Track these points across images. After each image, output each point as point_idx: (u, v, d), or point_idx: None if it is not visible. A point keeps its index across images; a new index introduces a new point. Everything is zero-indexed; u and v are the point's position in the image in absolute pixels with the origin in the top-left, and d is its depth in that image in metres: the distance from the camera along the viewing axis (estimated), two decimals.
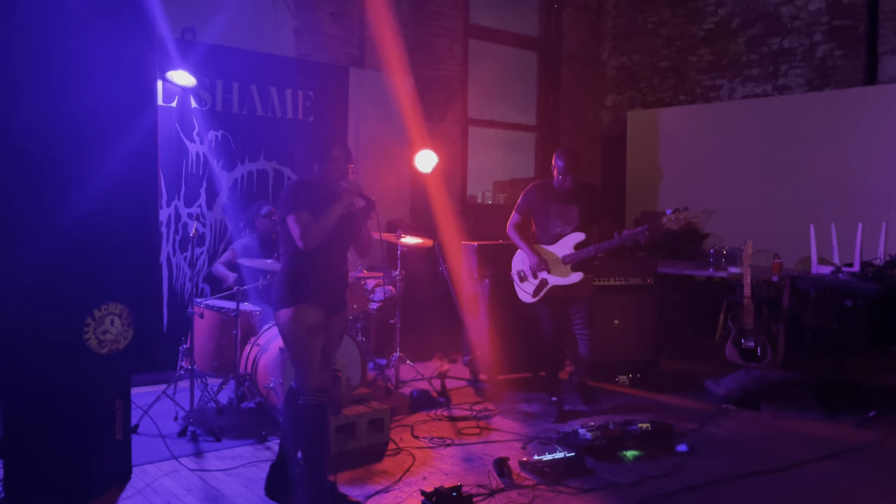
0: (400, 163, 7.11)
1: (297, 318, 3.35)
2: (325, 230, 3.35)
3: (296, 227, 3.34)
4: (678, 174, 8.33)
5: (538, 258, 4.77)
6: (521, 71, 9.09)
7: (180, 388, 4.80)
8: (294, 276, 3.42)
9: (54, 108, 3.26)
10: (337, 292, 3.56)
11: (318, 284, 3.41)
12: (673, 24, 8.82)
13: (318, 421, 3.42)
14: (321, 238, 3.35)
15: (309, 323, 3.35)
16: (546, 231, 4.81)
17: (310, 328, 3.35)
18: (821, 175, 7.16)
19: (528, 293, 4.88)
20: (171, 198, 5.70)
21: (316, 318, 3.38)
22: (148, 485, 3.65)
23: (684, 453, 4.15)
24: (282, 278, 3.46)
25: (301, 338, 3.35)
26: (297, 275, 3.41)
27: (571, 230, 4.73)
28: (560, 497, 3.56)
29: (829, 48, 7.47)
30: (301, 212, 3.36)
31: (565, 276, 4.72)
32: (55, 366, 3.33)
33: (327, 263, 3.47)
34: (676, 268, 6.83)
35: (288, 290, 3.40)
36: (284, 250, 3.50)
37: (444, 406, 5.04)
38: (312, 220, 3.34)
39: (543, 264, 4.76)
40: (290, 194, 3.44)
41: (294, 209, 3.37)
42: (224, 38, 5.96)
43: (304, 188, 3.49)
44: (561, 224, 4.76)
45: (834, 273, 5.78)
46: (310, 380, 3.36)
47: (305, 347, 3.36)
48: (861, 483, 3.81)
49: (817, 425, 4.74)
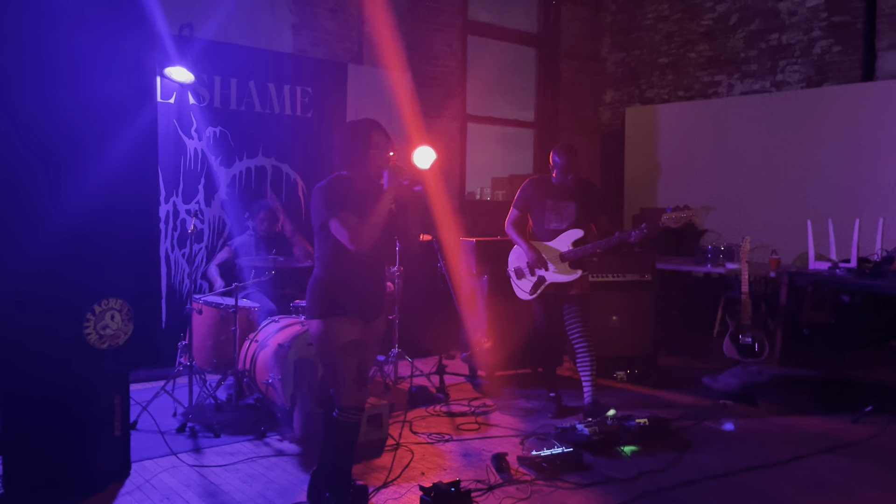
0: (399, 159, 7.10)
1: (330, 334, 3.13)
2: (376, 228, 3.10)
3: (343, 231, 3.05)
4: (677, 170, 8.33)
5: (536, 255, 4.73)
6: (520, 67, 9.08)
7: (179, 384, 4.80)
8: (328, 286, 3.17)
9: (51, 104, 3.27)
10: (375, 298, 3.32)
11: (356, 294, 3.18)
12: (672, 19, 8.82)
13: (350, 438, 3.26)
14: (374, 238, 3.10)
15: (343, 341, 3.12)
16: (542, 226, 4.77)
17: (344, 347, 3.13)
18: (819, 171, 7.17)
19: (526, 290, 4.85)
20: (169, 194, 5.70)
21: (351, 334, 3.15)
22: (147, 480, 3.66)
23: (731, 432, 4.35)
24: (315, 287, 3.20)
25: (334, 355, 3.15)
26: (333, 284, 3.17)
27: (567, 226, 4.69)
28: (558, 492, 3.57)
29: (828, 44, 7.48)
30: (345, 213, 3.07)
31: (564, 273, 4.68)
32: (55, 361, 3.34)
33: (367, 268, 3.23)
34: (674, 264, 6.84)
35: (322, 300, 3.15)
36: (320, 255, 3.22)
37: (442, 402, 5.06)
38: (358, 220, 3.08)
39: (542, 261, 4.73)
40: (327, 195, 3.12)
41: (336, 212, 3.07)
42: (222, 35, 5.95)
43: (341, 186, 3.17)
44: (556, 220, 4.72)
45: (831, 269, 5.80)
46: (343, 398, 3.17)
47: (338, 366, 3.14)
48: (857, 478, 3.83)
49: (814, 420, 4.76)
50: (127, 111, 3.53)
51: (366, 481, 3.64)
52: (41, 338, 3.28)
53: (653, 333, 5.91)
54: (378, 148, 3.22)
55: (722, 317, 6.94)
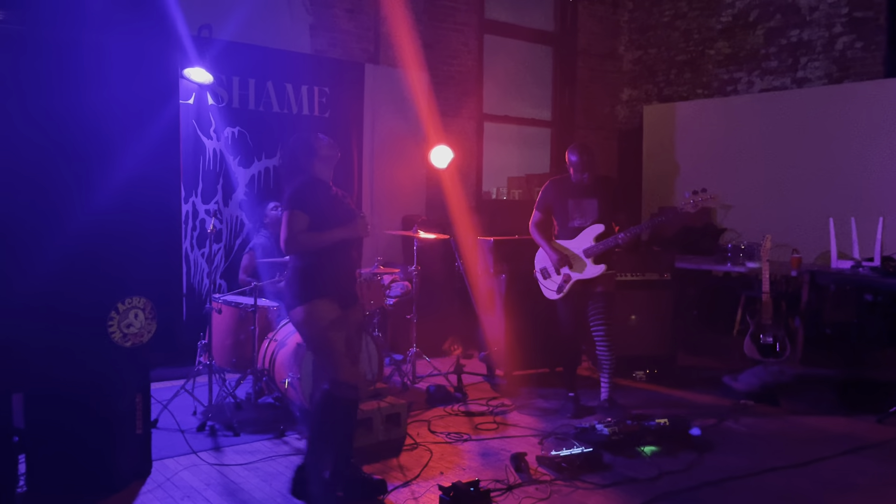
0: (415, 159, 7.11)
1: (315, 314, 3.26)
2: (317, 246, 3.28)
3: (286, 229, 3.23)
4: (695, 169, 8.26)
5: (558, 255, 4.74)
6: (537, 66, 9.06)
7: (199, 383, 4.83)
8: (306, 272, 3.32)
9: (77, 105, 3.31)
10: (349, 286, 3.47)
11: (332, 278, 3.33)
12: (690, 16, 8.75)
13: (350, 416, 3.34)
14: (307, 251, 3.28)
15: (329, 317, 3.27)
16: (565, 225, 4.79)
17: (331, 322, 3.26)
18: (840, 169, 7.08)
19: (552, 290, 4.86)
20: (188, 194, 5.74)
21: (334, 311, 3.30)
22: (168, 479, 3.68)
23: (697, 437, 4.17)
24: (294, 275, 3.34)
25: (323, 332, 3.26)
26: (310, 270, 3.31)
27: (590, 223, 4.70)
28: (577, 492, 3.55)
29: (849, 40, 7.38)
30: (299, 212, 3.24)
31: (588, 270, 4.69)
32: (78, 360, 3.37)
33: (343, 256, 3.39)
34: (694, 263, 6.78)
35: (301, 286, 3.30)
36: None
37: (460, 401, 5.05)
38: (308, 227, 3.24)
39: (564, 260, 4.74)
40: (297, 192, 3.31)
41: (293, 207, 3.25)
42: (240, 35, 5.99)
43: (314, 189, 3.35)
44: (580, 217, 4.73)
45: (854, 268, 5.72)
46: (340, 372, 3.26)
47: (329, 341, 3.27)
48: (882, 479, 3.77)
49: (837, 421, 4.70)
50: (150, 111, 3.56)
51: (385, 480, 3.64)
52: (65, 336, 3.31)
53: (672, 333, 5.87)
54: (326, 160, 3.43)
55: (742, 316, 6.87)
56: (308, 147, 3.40)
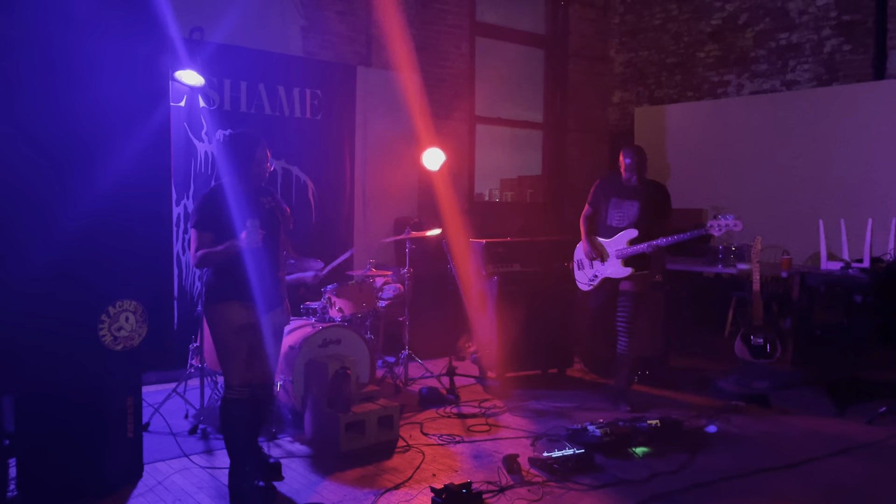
0: (408, 161, 7.11)
1: (225, 317, 3.34)
2: (218, 262, 3.33)
3: (191, 248, 3.36)
4: (686, 170, 8.30)
5: (591, 249, 4.98)
6: (528, 68, 9.08)
7: (191, 386, 4.81)
8: (217, 276, 3.38)
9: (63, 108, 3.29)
10: (269, 288, 3.44)
11: (242, 283, 3.33)
12: (680, 19, 8.80)
13: (241, 418, 3.41)
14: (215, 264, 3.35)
15: (237, 324, 3.33)
16: (604, 223, 4.99)
17: (238, 329, 3.33)
18: (830, 171, 7.12)
19: (584, 282, 5.13)
20: (180, 197, 5.72)
21: (244, 318, 3.34)
22: (159, 482, 3.67)
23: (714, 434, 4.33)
24: (208, 278, 3.44)
25: (227, 337, 3.34)
26: (222, 274, 3.36)
27: (627, 225, 4.85)
28: (570, 494, 3.56)
29: (838, 43, 7.44)
30: (203, 232, 3.32)
31: (615, 270, 4.89)
32: (69, 363, 3.36)
33: (258, 260, 3.36)
34: (685, 264, 6.81)
35: (216, 287, 3.38)
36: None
37: (452, 403, 5.05)
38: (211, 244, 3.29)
39: (596, 254, 4.96)
40: (199, 208, 3.38)
41: (193, 226, 3.34)
42: (232, 38, 5.97)
43: (217, 200, 3.38)
44: (617, 218, 4.91)
45: (844, 269, 5.76)
46: (233, 376, 3.37)
47: (230, 348, 3.35)
48: (872, 480, 3.80)
49: (827, 422, 4.73)
50: (140, 114, 3.55)
51: (377, 483, 3.65)
52: (56, 340, 3.30)
53: (664, 334, 5.89)
54: (259, 163, 3.44)
55: (733, 317, 6.91)
56: (249, 152, 3.43)
